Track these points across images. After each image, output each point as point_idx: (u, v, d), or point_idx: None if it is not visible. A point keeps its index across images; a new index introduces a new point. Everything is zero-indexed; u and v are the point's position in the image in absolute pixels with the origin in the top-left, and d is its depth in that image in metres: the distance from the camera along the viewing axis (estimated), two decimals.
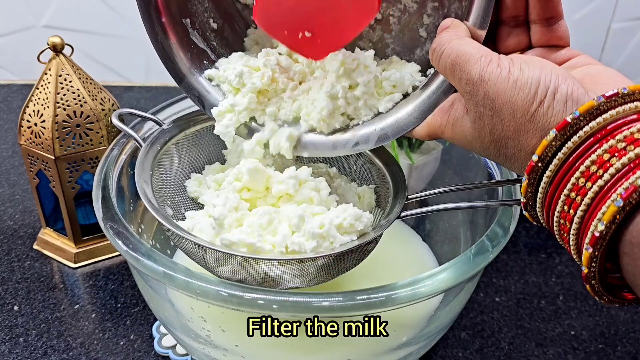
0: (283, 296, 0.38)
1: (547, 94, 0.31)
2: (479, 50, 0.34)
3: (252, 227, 0.42)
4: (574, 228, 0.30)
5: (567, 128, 0.30)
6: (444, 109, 0.39)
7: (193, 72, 0.47)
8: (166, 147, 0.49)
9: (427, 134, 0.40)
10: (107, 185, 0.47)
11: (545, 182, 0.31)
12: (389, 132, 0.43)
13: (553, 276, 0.65)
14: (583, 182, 0.29)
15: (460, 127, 0.36)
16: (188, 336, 0.47)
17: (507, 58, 0.33)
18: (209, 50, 0.48)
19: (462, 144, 0.37)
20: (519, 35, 0.38)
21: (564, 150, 0.30)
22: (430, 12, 0.46)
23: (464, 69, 0.34)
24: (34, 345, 0.55)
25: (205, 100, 0.47)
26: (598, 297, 0.30)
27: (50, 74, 0.58)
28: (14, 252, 0.66)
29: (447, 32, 0.37)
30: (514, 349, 0.56)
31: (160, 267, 0.39)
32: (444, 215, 0.60)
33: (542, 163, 0.31)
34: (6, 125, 0.92)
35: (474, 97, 0.34)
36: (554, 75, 0.31)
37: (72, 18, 1.00)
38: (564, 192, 0.30)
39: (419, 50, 0.47)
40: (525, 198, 0.33)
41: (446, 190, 0.48)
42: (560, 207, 0.31)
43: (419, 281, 0.39)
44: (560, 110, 0.31)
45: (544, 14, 0.36)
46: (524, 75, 0.32)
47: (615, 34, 1.02)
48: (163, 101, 0.56)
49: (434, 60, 0.37)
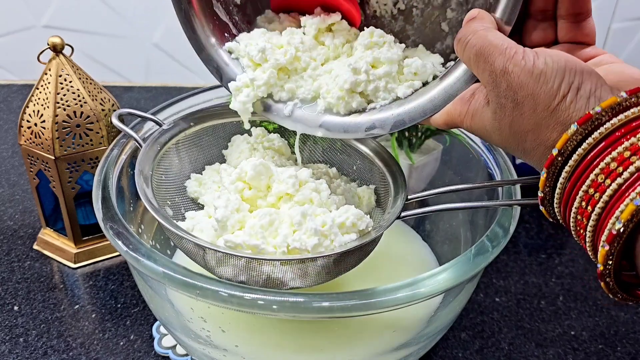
0: (283, 296, 0.38)
1: (570, 88, 0.31)
2: (503, 41, 0.34)
3: (254, 229, 0.42)
4: (590, 225, 0.30)
5: (589, 123, 0.29)
6: (464, 98, 0.38)
7: (213, 44, 0.47)
8: (166, 148, 0.49)
9: (444, 122, 0.40)
10: (107, 186, 0.47)
11: (564, 177, 0.31)
12: (406, 118, 0.43)
13: (553, 277, 0.65)
14: (602, 178, 0.29)
15: (480, 118, 0.36)
16: (188, 336, 0.47)
17: (532, 51, 0.33)
18: (231, 24, 0.48)
19: (480, 134, 0.37)
20: (545, 30, 0.38)
21: (584, 146, 0.30)
22: (455, 6, 0.46)
23: (488, 60, 0.34)
24: (34, 346, 0.55)
25: (224, 72, 0.47)
26: (612, 294, 0.30)
27: (50, 74, 0.58)
28: (14, 252, 0.66)
29: (474, 22, 0.37)
30: (514, 350, 0.56)
31: (160, 267, 0.39)
32: (444, 215, 0.60)
33: (562, 157, 0.31)
34: (6, 125, 0.92)
35: (496, 88, 0.33)
36: (579, 71, 0.31)
37: (72, 18, 0.99)
38: (582, 188, 0.30)
39: (439, 44, 0.47)
40: (543, 193, 0.33)
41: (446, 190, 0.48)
42: (578, 203, 0.30)
43: (419, 282, 0.39)
44: (583, 106, 0.30)
45: (572, 9, 0.36)
46: (547, 68, 0.31)
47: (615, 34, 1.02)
48: (163, 101, 0.56)
49: (459, 49, 0.36)
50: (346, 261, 0.43)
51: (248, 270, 0.40)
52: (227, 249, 0.40)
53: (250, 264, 0.40)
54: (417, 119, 0.42)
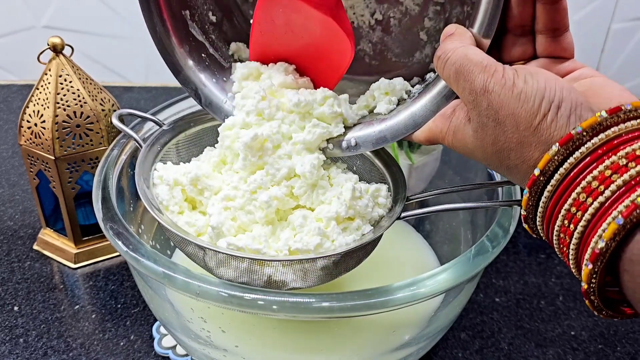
0: (283, 297, 0.38)
1: (550, 107, 0.31)
2: (483, 59, 0.34)
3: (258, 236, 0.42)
4: (573, 243, 0.30)
5: (570, 143, 0.30)
6: (445, 115, 0.38)
7: (191, 65, 0.47)
8: (166, 148, 0.49)
9: (426, 139, 0.40)
10: (107, 186, 0.47)
11: (546, 196, 0.31)
12: (388, 134, 0.43)
13: (552, 277, 0.65)
14: (584, 197, 0.29)
15: (462, 135, 0.36)
16: (188, 337, 0.47)
17: (512, 69, 0.33)
18: (208, 43, 0.48)
19: (463, 151, 0.36)
20: (524, 45, 0.38)
21: (566, 166, 0.30)
22: (432, 15, 0.46)
23: (467, 79, 0.34)
24: (34, 346, 0.55)
25: (203, 94, 0.47)
26: (597, 312, 0.30)
27: (50, 75, 0.58)
28: (14, 253, 0.66)
29: (452, 39, 0.37)
30: (514, 350, 0.56)
31: (160, 267, 0.39)
32: (444, 215, 0.60)
33: (543, 177, 0.31)
34: (6, 125, 0.92)
35: (477, 107, 0.33)
36: (558, 89, 0.31)
37: (72, 18, 0.99)
38: (564, 206, 0.30)
39: (418, 53, 0.47)
40: (526, 211, 0.33)
41: (446, 190, 0.48)
42: (561, 222, 0.31)
43: (419, 282, 0.39)
44: (564, 124, 0.31)
45: (550, 24, 0.36)
46: (528, 87, 0.31)
47: (615, 35, 1.02)
48: (163, 102, 0.56)
49: (439, 67, 0.36)
50: (347, 262, 0.43)
51: (249, 272, 0.40)
52: (228, 250, 0.40)
53: (252, 265, 0.40)
54: (399, 135, 0.42)
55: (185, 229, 0.43)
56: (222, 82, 0.48)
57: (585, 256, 0.29)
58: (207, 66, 0.48)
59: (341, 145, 0.45)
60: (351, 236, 0.42)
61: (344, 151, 0.45)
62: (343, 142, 0.44)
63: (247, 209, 0.43)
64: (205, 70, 0.48)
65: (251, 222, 0.43)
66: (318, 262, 0.41)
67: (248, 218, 0.43)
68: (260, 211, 0.43)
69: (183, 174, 0.45)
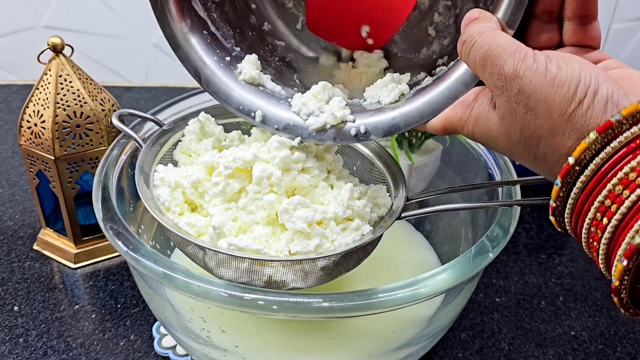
0: (283, 297, 0.38)
1: (586, 93, 0.29)
2: (512, 44, 0.32)
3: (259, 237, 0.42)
4: (605, 237, 0.29)
5: (609, 131, 0.28)
6: (465, 102, 0.37)
7: (191, 41, 0.46)
8: (166, 148, 0.49)
9: (443, 128, 0.38)
10: (107, 186, 0.47)
11: (578, 187, 0.30)
12: (401, 122, 0.40)
13: (553, 277, 0.65)
14: (620, 189, 0.28)
15: (485, 122, 0.34)
16: (188, 337, 0.47)
17: (543, 54, 0.31)
18: (209, 21, 0.47)
19: (483, 140, 0.35)
20: (550, 32, 0.37)
21: (602, 155, 0.29)
22: (442, 10, 0.45)
23: (496, 63, 0.32)
24: (34, 346, 0.55)
25: (202, 73, 0.46)
26: (624, 309, 0.29)
27: (50, 75, 0.58)
28: (14, 253, 0.66)
29: (477, 23, 0.35)
30: (514, 350, 0.56)
31: (160, 267, 0.39)
32: (445, 215, 0.60)
33: (579, 166, 0.29)
34: (6, 125, 0.92)
35: (506, 92, 0.32)
36: (594, 75, 0.30)
37: (72, 18, 0.99)
38: (598, 198, 0.29)
39: (425, 49, 0.46)
40: (556, 202, 0.31)
41: (446, 190, 0.48)
42: (592, 214, 0.29)
43: (419, 282, 0.39)
44: (600, 112, 0.29)
45: (579, 11, 0.35)
46: (562, 72, 0.30)
47: (615, 35, 1.02)
48: (163, 101, 0.56)
49: (463, 52, 0.35)
50: (347, 262, 0.43)
51: (250, 272, 0.40)
52: (229, 251, 0.40)
53: (253, 265, 0.40)
54: (412, 123, 0.40)
55: (186, 230, 0.43)
56: (223, 62, 0.46)
57: (619, 252, 0.28)
58: (209, 44, 0.46)
59: (349, 132, 0.42)
60: (351, 236, 0.42)
61: (352, 139, 0.42)
62: (352, 129, 0.42)
63: (249, 209, 0.43)
64: (206, 47, 0.46)
65: (252, 223, 0.43)
66: (318, 262, 0.41)
67: (249, 218, 0.43)
68: (262, 211, 0.43)
69: (184, 177, 0.45)
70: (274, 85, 0.46)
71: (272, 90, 0.46)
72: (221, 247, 0.41)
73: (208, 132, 0.49)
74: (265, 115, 0.44)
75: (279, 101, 0.45)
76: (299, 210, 0.41)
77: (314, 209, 0.42)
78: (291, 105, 0.45)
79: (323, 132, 0.43)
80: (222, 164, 0.44)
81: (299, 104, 0.44)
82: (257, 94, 0.46)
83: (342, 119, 0.43)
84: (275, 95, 0.46)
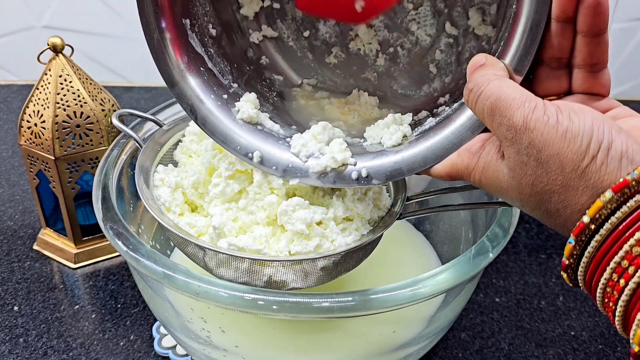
0: (283, 297, 0.38)
1: (600, 148, 0.28)
2: (522, 94, 0.31)
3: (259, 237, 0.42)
4: (623, 300, 0.28)
5: (626, 189, 0.27)
6: (472, 150, 0.35)
7: (187, 77, 0.44)
8: (166, 148, 0.49)
9: (447, 174, 0.37)
10: (107, 186, 0.47)
11: (593, 246, 0.29)
12: (404, 167, 0.39)
13: (553, 277, 0.65)
14: (638, 251, 0.27)
15: (494, 173, 0.33)
16: (188, 337, 0.47)
17: (554, 105, 0.30)
18: (206, 57, 0.45)
19: (493, 190, 0.34)
20: (559, 79, 0.35)
21: (618, 214, 0.28)
22: (444, 47, 0.44)
23: (505, 114, 0.31)
24: (34, 346, 0.55)
25: (199, 111, 0.44)
26: None
27: (50, 75, 0.58)
28: (14, 253, 0.66)
29: (484, 70, 0.34)
30: (514, 350, 0.56)
31: (160, 267, 0.39)
32: (445, 215, 0.60)
33: (594, 225, 0.28)
34: (6, 125, 0.92)
35: (515, 144, 0.31)
36: (607, 128, 0.29)
37: (72, 18, 0.99)
38: (614, 259, 0.28)
39: (426, 86, 0.46)
40: (569, 260, 0.31)
41: (446, 190, 0.48)
42: (609, 275, 0.28)
43: (419, 282, 0.39)
44: (615, 168, 0.28)
45: (590, 59, 0.33)
46: (574, 125, 0.29)
47: (615, 35, 1.02)
48: (163, 102, 0.56)
49: (470, 101, 0.34)
50: (347, 262, 0.43)
51: (250, 272, 0.40)
52: (229, 251, 0.40)
53: (253, 265, 0.40)
54: (416, 169, 0.39)
55: (186, 230, 0.43)
56: (220, 100, 0.45)
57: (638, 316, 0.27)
58: (205, 81, 0.45)
59: (350, 176, 0.41)
60: (351, 236, 0.42)
61: (352, 182, 0.41)
62: (353, 173, 0.41)
63: (249, 209, 0.43)
64: (203, 85, 0.44)
65: (252, 223, 0.43)
66: (318, 262, 0.41)
67: (249, 219, 0.43)
68: (262, 212, 0.43)
69: (184, 178, 0.45)
70: (272, 124, 0.44)
71: (270, 129, 0.44)
72: (221, 247, 0.41)
73: None
74: (264, 156, 0.43)
75: (278, 141, 0.43)
76: (297, 211, 0.41)
77: (313, 209, 0.42)
78: (290, 146, 0.43)
79: (324, 176, 0.41)
80: (223, 166, 0.44)
81: (299, 145, 0.42)
82: (255, 133, 0.44)
83: (343, 162, 0.41)
84: (274, 134, 0.44)
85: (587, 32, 0.33)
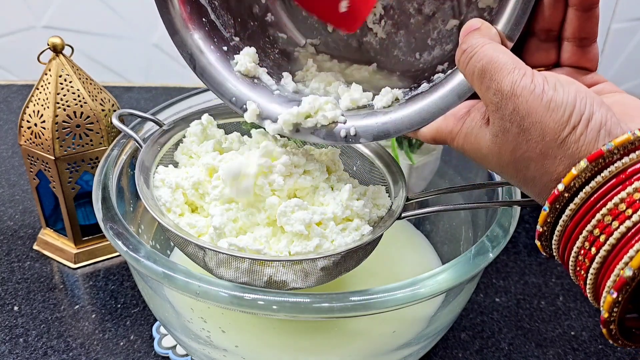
0: (283, 297, 0.38)
1: (581, 119, 0.29)
2: (512, 60, 0.32)
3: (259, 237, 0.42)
4: (594, 267, 0.28)
5: (600, 160, 0.28)
6: (457, 115, 0.36)
7: (189, 27, 0.45)
8: (166, 148, 0.49)
9: (432, 138, 0.38)
10: (107, 186, 0.47)
11: (567, 214, 0.29)
12: (391, 128, 0.40)
13: (553, 277, 0.65)
14: (609, 220, 0.27)
15: (476, 139, 0.34)
16: (188, 337, 0.47)
17: (541, 75, 0.31)
18: (210, 8, 0.46)
19: (473, 155, 0.34)
20: (547, 51, 0.36)
21: (592, 184, 0.28)
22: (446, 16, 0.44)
23: (494, 78, 0.31)
24: (34, 346, 0.55)
25: (197, 60, 0.45)
26: (613, 340, 0.29)
27: (50, 75, 0.58)
28: (14, 253, 0.66)
29: (478, 34, 0.34)
30: (514, 350, 0.56)
31: (160, 267, 0.39)
32: (445, 215, 0.60)
33: (568, 194, 0.29)
34: (6, 125, 0.92)
35: (500, 109, 0.31)
36: (589, 101, 0.29)
37: (72, 18, 0.99)
38: (586, 227, 0.29)
39: (426, 53, 0.46)
40: (543, 227, 0.31)
41: (446, 190, 0.48)
42: (581, 243, 0.29)
43: (419, 282, 0.39)
44: (593, 139, 0.29)
45: (579, 33, 0.34)
46: (558, 96, 0.30)
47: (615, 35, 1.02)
48: (163, 102, 0.56)
49: (462, 61, 0.34)
50: (347, 262, 0.43)
51: (250, 272, 0.40)
52: (230, 251, 0.40)
53: (253, 265, 0.40)
54: (402, 130, 0.40)
55: (187, 230, 0.43)
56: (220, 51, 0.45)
57: (608, 283, 0.27)
58: (207, 32, 0.45)
59: (339, 133, 0.42)
60: (351, 236, 0.42)
61: (341, 140, 0.42)
62: (342, 131, 0.42)
63: (249, 209, 0.43)
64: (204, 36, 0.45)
65: (252, 224, 0.43)
66: (318, 262, 0.41)
67: (250, 219, 0.43)
68: (262, 212, 0.43)
69: (185, 178, 0.45)
70: (268, 78, 0.45)
71: (266, 83, 0.45)
72: (221, 247, 0.41)
73: (209, 134, 0.49)
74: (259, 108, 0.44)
75: (272, 95, 0.45)
76: (296, 212, 0.41)
77: (312, 210, 0.42)
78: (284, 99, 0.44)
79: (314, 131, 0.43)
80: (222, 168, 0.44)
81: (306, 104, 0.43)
82: (252, 86, 0.45)
83: (334, 119, 0.42)
84: (269, 89, 0.45)
85: (579, 6, 0.34)
